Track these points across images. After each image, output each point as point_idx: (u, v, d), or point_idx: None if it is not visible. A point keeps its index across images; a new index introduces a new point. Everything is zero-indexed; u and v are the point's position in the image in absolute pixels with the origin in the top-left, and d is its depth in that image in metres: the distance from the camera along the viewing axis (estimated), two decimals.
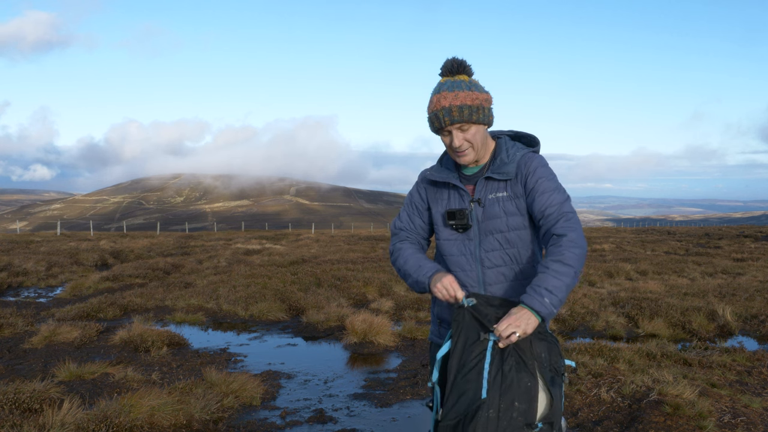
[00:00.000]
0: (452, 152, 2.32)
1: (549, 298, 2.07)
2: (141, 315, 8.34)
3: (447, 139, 2.29)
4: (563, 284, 2.09)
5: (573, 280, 2.12)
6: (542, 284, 2.09)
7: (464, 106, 2.21)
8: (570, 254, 2.12)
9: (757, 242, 25.83)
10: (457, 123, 2.23)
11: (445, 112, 2.22)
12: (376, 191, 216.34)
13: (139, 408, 3.99)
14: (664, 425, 3.89)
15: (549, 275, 2.10)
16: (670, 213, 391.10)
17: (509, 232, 2.29)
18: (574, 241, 2.15)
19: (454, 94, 2.22)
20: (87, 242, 24.25)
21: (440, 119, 2.24)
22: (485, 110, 2.26)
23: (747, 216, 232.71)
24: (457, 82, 2.25)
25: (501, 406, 2.04)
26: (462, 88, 2.23)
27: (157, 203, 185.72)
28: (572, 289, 2.14)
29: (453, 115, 2.21)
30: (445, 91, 2.24)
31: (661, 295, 9.23)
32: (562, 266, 2.11)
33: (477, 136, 2.27)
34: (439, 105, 2.23)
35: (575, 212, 2.24)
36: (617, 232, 41.74)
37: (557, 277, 2.10)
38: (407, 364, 5.98)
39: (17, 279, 12.60)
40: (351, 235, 35.09)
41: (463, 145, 2.27)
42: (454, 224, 2.32)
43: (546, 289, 2.08)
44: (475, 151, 2.29)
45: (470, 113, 2.22)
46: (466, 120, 2.22)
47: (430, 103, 2.28)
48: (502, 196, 2.30)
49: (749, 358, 5.78)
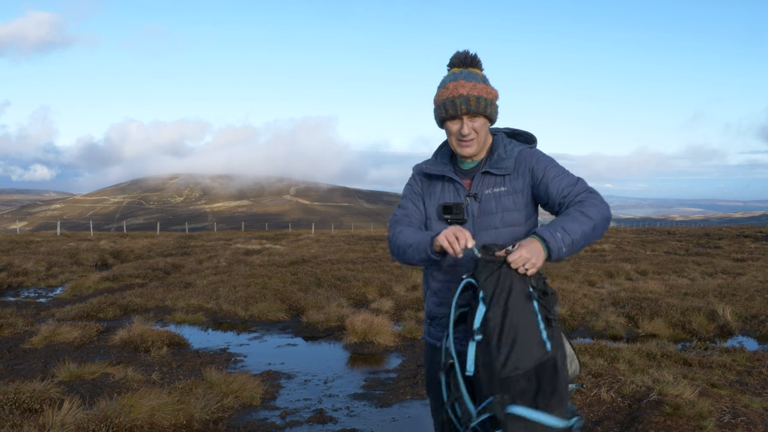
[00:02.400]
0: (456, 141, 2.31)
1: (561, 234, 2.05)
2: (141, 315, 8.35)
3: (455, 125, 2.29)
4: (579, 228, 2.08)
5: (591, 232, 2.09)
6: (558, 223, 2.09)
7: (481, 98, 2.24)
8: (593, 210, 2.13)
9: (757, 242, 25.84)
10: (473, 112, 2.25)
11: (463, 100, 2.23)
12: (376, 191, 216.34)
13: (139, 408, 3.99)
14: (664, 425, 3.89)
15: (567, 218, 2.10)
16: (671, 213, 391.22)
17: (504, 228, 2.28)
18: (597, 205, 2.15)
19: (472, 84, 2.24)
20: (87, 242, 24.25)
21: (456, 106, 2.24)
22: (495, 106, 2.30)
23: (747, 216, 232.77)
24: (472, 74, 2.27)
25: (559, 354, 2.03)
26: (478, 80, 2.26)
27: (157, 203, 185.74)
28: (589, 242, 2.10)
29: (470, 104, 2.23)
30: (462, 79, 2.25)
31: (661, 295, 9.23)
32: (582, 215, 2.11)
33: (483, 129, 2.30)
34: (457, 92, 2.24)
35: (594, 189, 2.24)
36: (617, 232, 41.74)
37: (575, 220, 2.09)
38: (407, 364, 5.98)
39: (17, 279, 12.60)
40: (351, 235, 35.09)
41: (471, 133, 2.28)
42: (449, 218, 2.30)
43: (561, 227, 2.07)
44: (477, 143, 2.30)
45: (485, 105, 2.25)
46: (481, 112, 2.25)
47: (444, 89, 2.28)
48: (499, 191, 2.29)
49: (749, 358, 5.78)
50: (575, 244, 2.07)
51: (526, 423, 1.92)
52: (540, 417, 1.93)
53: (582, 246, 2.12)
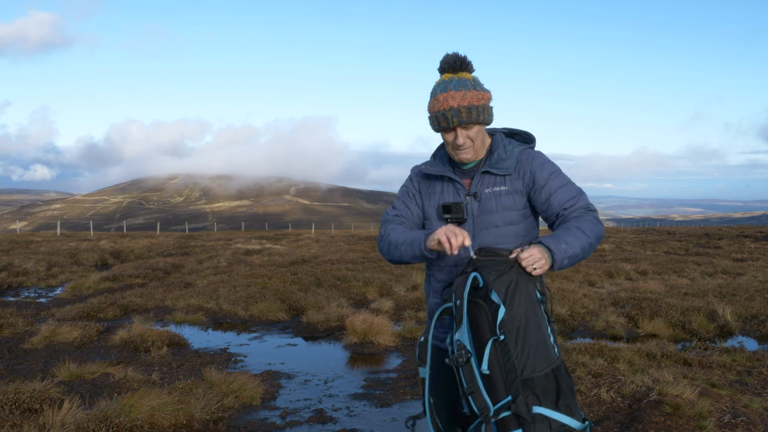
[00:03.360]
0: (452, 149, 2.33)
1: (565, 246, 2.10)
2: (141, 315, 8.35)
3: (450, 136, 2.29)
4: (579, 244, 2.13)
5: (588, 248, 2.16)
6: (561, 236, 2.13)
7: (472, 107, 2.23)
8: (591, 228, 2.18)
9: (757, 242, 25.83)
10: (465, 124, 2.24)
11: (454, 112, 2.22)
12: (376, 191, 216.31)
13: (139, 408, 3.99)
14: (664, 425, 3.89)
15: (567, 232, 2.15)
16: (671, 213, 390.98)
17: (504, 227, 2.28)
18: (594, 223, 2.21)
19: (462, 94, 2.22)
20: (87, 242, 24.25)
21: (448, 119, 2.24)
22: (489, 110, 2.29)
23: (747, 216, 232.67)
24: (462, 81, 2.25)
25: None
26: (468, 88, 2.24)
27: (158, 203, 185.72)
28: (584, 257, 2.18)
29: (462, 116, 2.22)
30: (452, 90, 2.24)
31: (661, 295, 9.23)
32: (581, 232, 2.16)
33: (479, 135, 2.30)
34: (447, 105, 2.23)
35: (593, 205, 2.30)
36: (617, 232, 41.73)
37: (575, 236, 2.14)
38: (407, 364, 5.98)
39: (17, 279, 12.60)
40: (351, 235, 35.07)
41: (466, 142, 2.28)
42: (449, 218, 2.30)
43: (564, 240, 2.12)
44: (474, 149, 2.31)
45: (477, 114, 2.24)
46: (474, 121, 2.24)
47: (435, 101, 2.27)
48: (499, 191, 2.30)
49: (749, 358, 5.78)
50: (574, 258, 2.12)
51: (550, 423, 1.96)
52: (563, 419, 1.98)
53: (579, 260, 2.17)
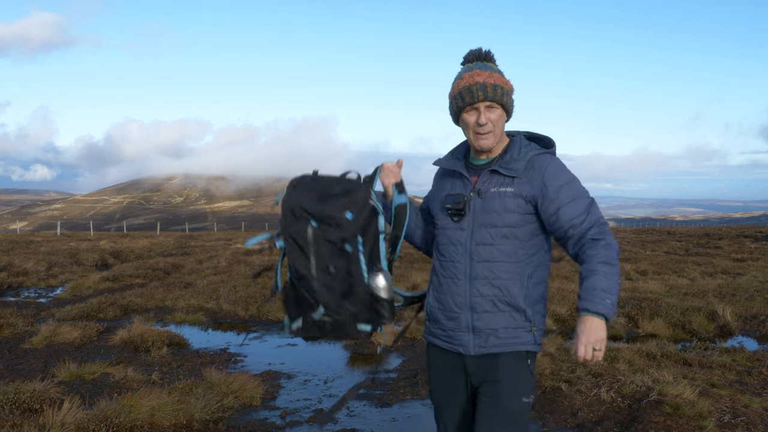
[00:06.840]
0: (473, 134, 2.29)
1: (609, 299, 2.08)
2: (141, 315, 8.34)
3: (472, 116, 2.27)
4: (614, 284, 2.11)
5: (618, 279, 2.15)
6: (598, 286, 2.09)
7: (497, 86, 2.23)
8: (612, 254, 2.15)
9: (757, 242, 25.81)
10: (489, 100, 2.23)
11: (479, 87, 2.22)
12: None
13: (140, 408, 3.99)
14: (664, 425, 3.89)
15: (600, 276, 2.11)
16: (671, 213, 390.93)
17: (504, 228, 2.24)
18: (611, 245, 2.17)
19: (488, 73, 2.24)
20: (87, 242, 24.26)
21: (473, 93, 2.23)
22: (511, 98, 2.30)
23: (747, 216, 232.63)
24: (488, 65, 2.28)
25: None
26: (494, 71, 2.27)
27: (158, 203, 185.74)
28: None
29: (487, 91, 2.22)
30: (478, 69, 2.26)
31: (661, 295, 9.23)
32: (608, 267, 2.13)
33: (499, 122, 2.28)
34: (473, 80, 2.23)
35: (603, 217, 2.25)
36: (617, 232, 41.72)
37: (607, 277, 2.11)
38: (407, 364, 5.98)
39: (17, 279, 12.60)
40: None
41: (488, 125, 2.25)
42: (449, 208, 2.30)
43: (602, 290, 2.08)
44: (495, 135, 2.28)
45: (502, 94, 2.24)
46: (498, 100, 2.23)
47: (460, 80, 2.28)
48: (505, 192, 2.25)
49: (749, 358, 5.79)
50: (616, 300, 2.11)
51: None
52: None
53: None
